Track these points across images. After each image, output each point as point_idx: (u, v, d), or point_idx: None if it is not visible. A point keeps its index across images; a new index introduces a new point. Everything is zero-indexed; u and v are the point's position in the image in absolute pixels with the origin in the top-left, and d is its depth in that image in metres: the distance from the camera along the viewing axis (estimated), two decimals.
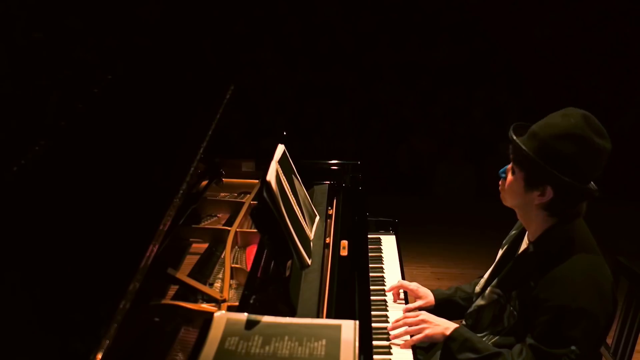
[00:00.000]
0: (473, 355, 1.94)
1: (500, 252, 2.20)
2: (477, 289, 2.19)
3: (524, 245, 2.07)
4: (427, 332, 2.03)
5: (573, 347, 1.78)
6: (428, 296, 2.37)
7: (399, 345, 2.08)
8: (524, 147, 1.93)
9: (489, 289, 2.08)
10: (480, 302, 2.11)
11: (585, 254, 1.89)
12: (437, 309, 2.31)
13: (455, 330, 2.02)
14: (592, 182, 1.92)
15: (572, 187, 1.85)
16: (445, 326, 2.04)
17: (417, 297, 2.39)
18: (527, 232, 2.05)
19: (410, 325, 2.08)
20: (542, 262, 1.90)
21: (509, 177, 2.02)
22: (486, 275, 2.19)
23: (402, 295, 2.43)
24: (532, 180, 1.91)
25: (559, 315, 1.81)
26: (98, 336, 1.36)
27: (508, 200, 2.04)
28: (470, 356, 1.95)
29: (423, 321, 2.06)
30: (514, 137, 2.00)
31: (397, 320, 2.13)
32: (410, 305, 2.34)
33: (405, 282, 2.42)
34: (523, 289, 1.93)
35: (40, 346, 1.41)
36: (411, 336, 2.06)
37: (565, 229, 1.93)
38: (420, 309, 2.30)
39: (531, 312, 1.88)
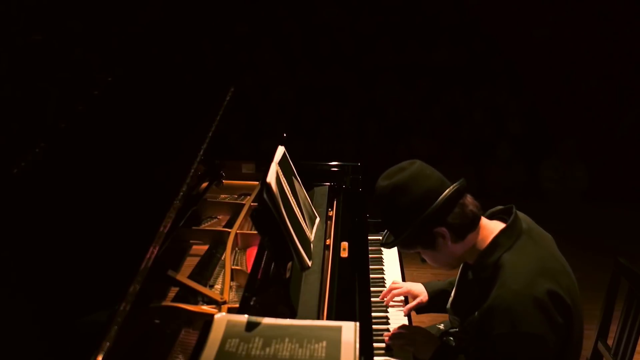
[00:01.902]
0: None
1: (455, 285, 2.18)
2: (448, 306, 2.18)
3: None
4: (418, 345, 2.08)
5: None
6: (422, 293, 2.40)
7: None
8: (389, 240, 1.97)
9: (449, 317, 2.13)
10: (440, 326, 2.19)
11: (513, 274, 1.80)
12: (432, 302, 2.36)
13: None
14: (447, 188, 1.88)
15: (438, 212, 1.84)
16: (429, 348, 2.06)
17: (412, 296, 2.41)
18: None
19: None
20: (482, 287, 1.86)
21: (428, 259, 2.01)
22: (450, 300, 2.17)
23: (401, 297, 2.44)
24: (427, 243, 1.91)
25: (503, 344, 1.78)
26: (98, 338, 1.36)
27: (451, 267, 2.03)
28: None
29: (413, 342, 2.10)
30: (389, 247, 2.01)
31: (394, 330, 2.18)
32: (409, 306, 2.37)
33: (395, 289, 2.42)
34: (470, 321, 1.90)
35: (41, 348, 1.41)
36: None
37: (494, 250, 1.87)
38: (417, 305, 2.37)
39: (481, 345, 1.86)
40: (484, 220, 1.93)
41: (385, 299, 2.41)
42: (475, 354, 1.91)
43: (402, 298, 2.43)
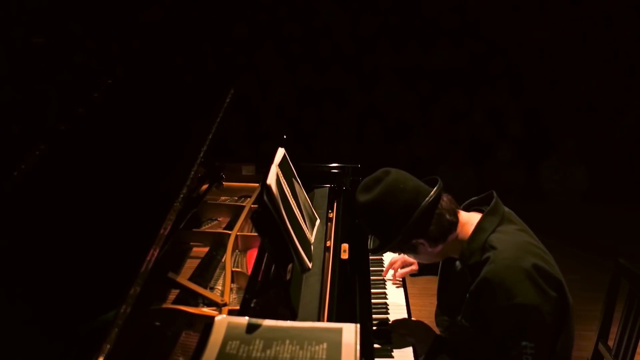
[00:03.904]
0: None
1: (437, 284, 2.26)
2: (437, 311, 2.26)
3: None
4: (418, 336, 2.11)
5: (524, 343, 1.80)
6: (414, 261, 2.55)
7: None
8: (373, 251, 2.11)
9: (437, 319, 2.18)
10: (438, 329, 2.20)
11: (502, 250, 1.86)
12: (421, 271, 2.54)
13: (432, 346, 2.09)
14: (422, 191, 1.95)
15: (414, 228, 1.91)
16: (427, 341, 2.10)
17: (407, 264, 2.56)
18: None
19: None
20: (471, 272, 1.92)
21: (413, 259, 2.24)
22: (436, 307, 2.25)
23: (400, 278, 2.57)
24: (409, 250, 2.02)
25: (501, 319, 1.82)
26: (99, 340, 1.36)
27: (435, 261, 2.17)
28: None
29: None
30: (375, 254, 2.23)
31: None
32: (403, 271, 2.55)
33: (395, 263, 2.57)
34: (465, 301, 1.95)
35: (41, 350, 1.41)
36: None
37: (478, 234, 1.93)
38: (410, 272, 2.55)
39: (479, 324, 1.90)
40: (462, 215, 2.00)
41: (390, 274, 2.57)
42: (473, 336, 1.94)
43: (400, 281, 2.56)
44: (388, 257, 2.75)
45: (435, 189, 1.94)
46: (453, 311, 2.05)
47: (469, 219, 1.98)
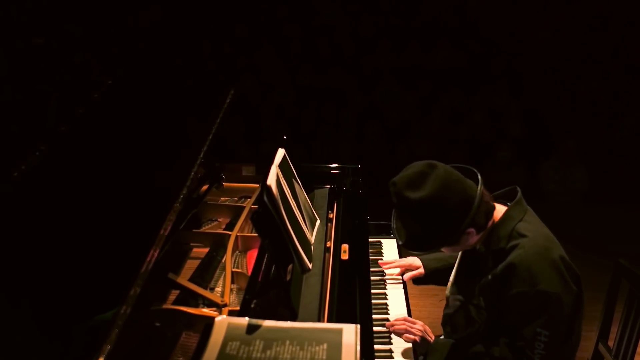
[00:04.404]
0: None
1: (456, 260, 2.27)
2: (447, 294, 2.26)
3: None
4: (415, 337, 2.11)
5: (540, 329, 1.84)
6: (420, 266, 2.54)
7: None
8: (419, 252, 2.19)
9: (452, 296, 2.18)
10: (447, 310, 2.21)
11: (532, 237, 1.92)
12: (427, 277, 2.52)
13: (433, 343, 2.11)
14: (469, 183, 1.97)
15: (473, 219, 1.91)
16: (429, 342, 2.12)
17: (414, 268, 2.54)
18: None
19: (408, 325, 2.15)
20: (496, 256, 1.95)
21: (446, 251, 2.15)
22: (449, 286, 2.25)
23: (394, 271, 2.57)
24: (453, 242, 1.99)
25: (522, 303, 1.86)
26: (99, 341, 1.36)
27: (464, 249, 2.13)
28: None
29: (419, 330, 2.13)
30: (412, 250, 2.16)
31: (398, 319, 2.21)
32: (409, 274, 2.52)
33: (399, 261, 2.58)
34: (483, 285, 1.98)
35: (42, 351, 1.41)
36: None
37: (506, 222, 1.97)
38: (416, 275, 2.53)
39: (496, 304, 1.94)
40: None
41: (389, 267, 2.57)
42: (490, 317, 1.98)
43: (400, 280, 2.56)
44: (388, 258, 2.75)
45: (480, 179, 1.97)
46: (467, 293, 2.07)
47: (498, 209, 2.03)
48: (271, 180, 1.90)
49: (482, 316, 2.02)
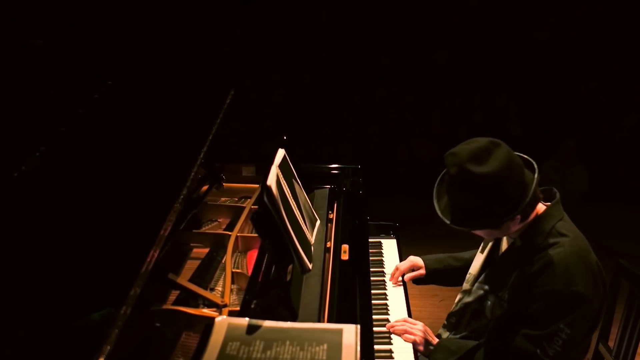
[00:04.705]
0: (456, 356, 2.06)
1: (482, 253, 2.25)
2: (466, 285, 2.24)
3: (505, 240, 2.14)
4: (415, 338, 2.12)
5: (563, 326, 1.84)
6: (422, 266, 2.55)
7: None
8: (472, 230, 2.02)
9: (476, 285, 2.15)
10: (467, 299, 2.19)
11: (573, 238, 1.94)
12: (428, 277, 2.54)
13: (437, 345, 2.13)
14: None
15: (528, 205, 1.91)
16: (432, 344, 2.14)
17: (416, 267, 2.55)
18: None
19: (408, 325, 2.16)
20: (533, 251, 1.94)
21: (482, 234, 2.10)
22: (474, 273, 2.23)
23: (400, 278, 2.56)
24: (498, 225, 1.96)
25: (553, 300, 1.86)
26: (99, 341, 1.36)
27: (489, 238, 2.15)
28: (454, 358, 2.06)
29: (420, 330, 2.15)
30: (459, 227, 2.01)
31: (397, 320, 2.21)
32: (410, 275, 2.53)
33: (402, 266, 2.55)
34: (517, 277, 1.97)
35: (42, 352, 1.41)
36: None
37: (546, 219, 1.97)
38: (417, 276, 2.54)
39: (523, 299, 1.93)
40: None
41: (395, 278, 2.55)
42: (509, 310, 1.98)
43: (401, 280, 2.55)
44: (388, 258, 2.75)
45: (536, 167, 1.96)
46: (496, 283, 2.06)
47: (556, 209, 2.03)
48: (271, 181, 1.90)
49: (497, 311, 2.02)
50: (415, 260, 2.56)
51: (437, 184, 2.10)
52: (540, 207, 2.01)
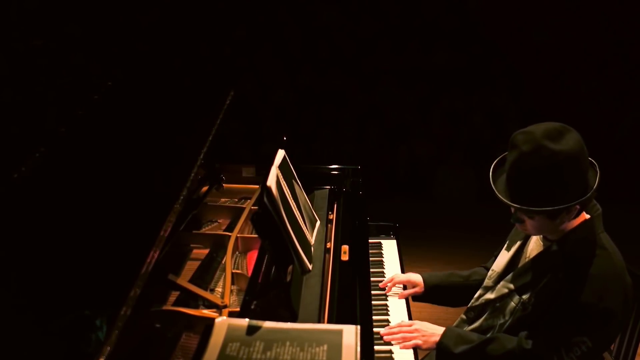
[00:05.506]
0: (468, 346, 2.01)
1: (508, 251, 2.20)
2: (488, 282, 2.20)
3: (534, 242, 2.09)
4: (416, 341, 2.07)
5: (585, 338, 1.83)
6: (419, 284, 2.46)
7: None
8: (537, 208, 1.86)
9: (501, 283, 2.11)
10: (489, 295, 2.14)
11: (614, 253, 1.93)
12: (426, 294, 2.45)
13: (445, 331, 2.09)
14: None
15: (592, 193, 1.88)
16: (436, 335, 2.08)
17: (411, 285, 2.47)
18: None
19: (404, 333, 2.11)
20: (569, 259, 1.91)
21: (528, 221, 1.96)
22: (498, 270, 2.18)
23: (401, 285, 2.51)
24: (556, 214, 1.88)
25: (583, 312, 1.84)
26: (99, 342, 1.36)
27: (534, 234, 2.07)
28: (465, 348, 2.01)
29: (416, 330, 2.11)
30: (522, 207, 1.89)
31: (391, 327, 2.16)
32: (406, 292, 2.45)
33: (397, 277, 2.49)
34: (548, 281, 1.93)
35: (42, 352, 1.41)
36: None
37: (591, 229, 1.94)
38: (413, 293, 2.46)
39: (550, 305, 1.90)
40: None
41: (387, 286, 2.48)
42: (532, 315, 1.95)
43: (401, 286, 2.50)
44: (388, 259, 2.75)
45: (598, 170, 1.95)
46: (523, 285, 2.02)
47: (598, 220, 2.00)
48: (271, 182, 1.90)
49: (518, 312, 1.99)
50: (413, 277, 2.47)
51: (493, 167, 2.05)
52: (584, 216, 1.97)
